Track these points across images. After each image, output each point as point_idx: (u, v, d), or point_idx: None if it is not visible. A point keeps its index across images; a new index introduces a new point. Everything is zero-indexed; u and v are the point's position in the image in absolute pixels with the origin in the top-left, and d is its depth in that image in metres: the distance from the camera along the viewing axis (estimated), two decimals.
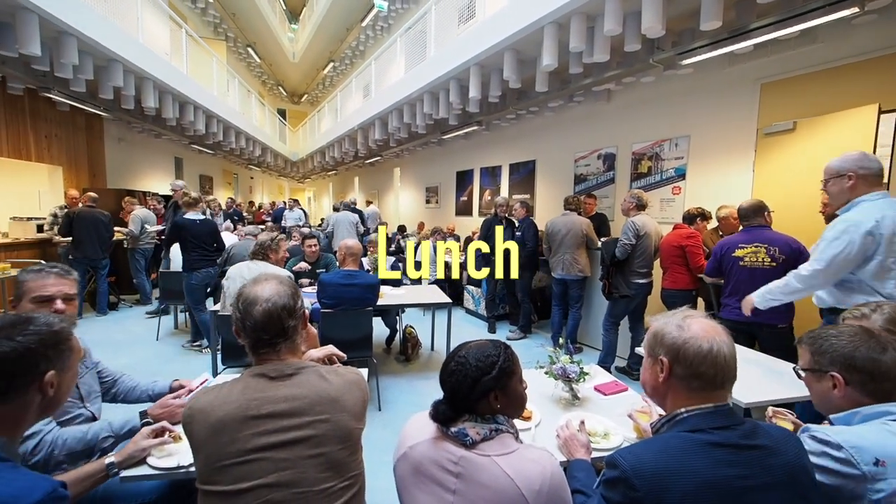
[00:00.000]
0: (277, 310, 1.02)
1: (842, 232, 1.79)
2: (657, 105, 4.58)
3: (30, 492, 0.70)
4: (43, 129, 5.89)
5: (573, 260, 4.08)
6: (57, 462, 1.18)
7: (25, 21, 3.68)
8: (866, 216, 1.77)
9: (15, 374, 0.80)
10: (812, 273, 1.88)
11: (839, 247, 1.79)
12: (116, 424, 1.31)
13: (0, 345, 0.79)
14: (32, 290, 1.33)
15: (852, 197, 1.87)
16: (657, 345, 0.93)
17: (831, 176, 1.93)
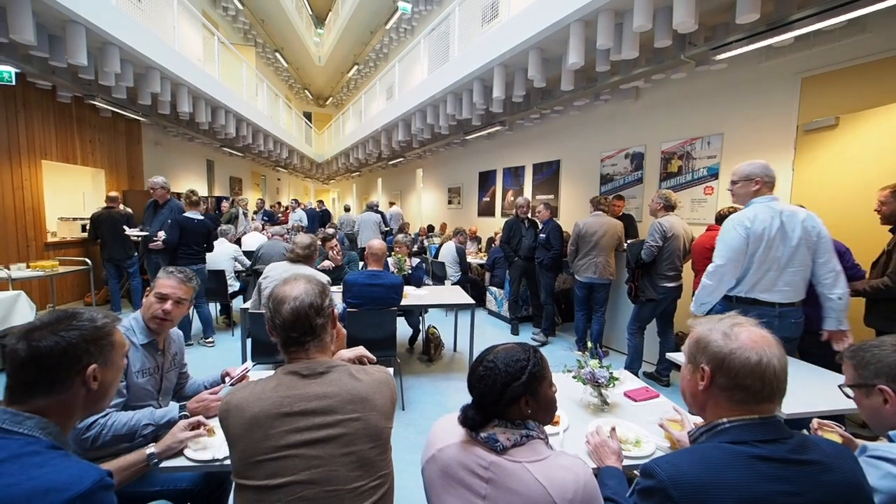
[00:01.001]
0: (305, 308, 1.04)
1: (730, 228, 2.10)
2: (688, 102, 4.43)
3: (80, 480, 0.74)
4: (87, 135, 6.23)
5: (606, 262, 3.99)
6: (104, 441, 1.26)
7: (74, 33, 3.90)
8: (748, 213, 2.10)
9: (58, 367, 0.84)
10: (715, 269, 2.12)
11: (729, 241, 2.08)
12: (158, 414, 1.38)
13: (44, 339, 0.83)
14: (161, 286, 1.54)
15: (749, 197, 2.18)
16: (699, 352, 0.88)
17: (741, 178, 2.19)
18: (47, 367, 0.82)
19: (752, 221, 2.06)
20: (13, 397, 0.82)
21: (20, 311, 3.58)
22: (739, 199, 2.23)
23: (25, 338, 0.82)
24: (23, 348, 0.81)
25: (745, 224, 2.07)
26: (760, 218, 2.06)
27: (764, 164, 2.17)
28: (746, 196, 2.19)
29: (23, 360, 0.81)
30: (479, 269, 6.65)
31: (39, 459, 0.75)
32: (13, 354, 0.82)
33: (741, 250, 2.07)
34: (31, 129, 5.25)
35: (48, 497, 0.69)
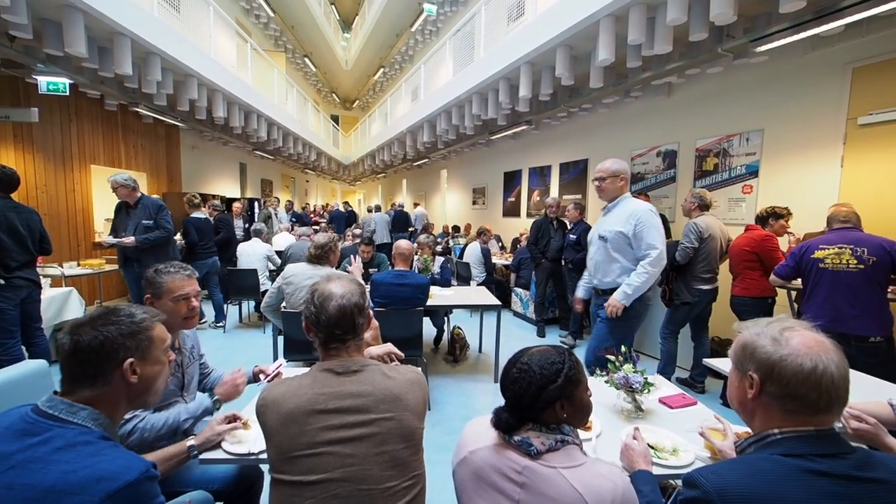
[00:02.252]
0: (351, 306, 1.06)
1: (653, 216, 2.25)
2: (725, 97, 4.24)
3: (128, 469, 0.77)
4: (131, 140, 6.58)
5: None
6: (149, 444, 1.31)
7: (121, 45, 4.14)
8: (648, 205, 2.30)
9: (97, 360, 0.88)
10: (658, 256, 2.22)
11: (661, 228, 2.26)
12: (192, 406, 1.43)
13: (85, 334, 0.87)
14: (173, 290, 1.47)
15: (620, 194, 2.38)
16: (746, 358, 0.82)
17: (610, 175, 2.36)
18: (88, 361, 0.87)
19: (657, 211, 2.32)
20: (64, 388, 0.87)
21: (72, 307, 3.82)
22: (607, 194, 2.40)
23: (70, 332, 0.88)
24: (67, 342, 0.87)
25: (657, 213, 2.30)
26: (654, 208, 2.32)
27: (624, 163, 2.41)
28: (614, 191, 2.38)
29: (67, 353, 0.86)
30: (503, 270, 6.59)
31: (92, 449, 0.79)
32: (61, 348, 0.87)
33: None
34: (81, 136, 5.59)
35: (100, 485, 0.73)
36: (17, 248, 2.72)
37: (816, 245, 2.46)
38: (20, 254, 2.74)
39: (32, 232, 2.83)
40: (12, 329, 2.74)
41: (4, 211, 2.68)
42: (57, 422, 0.81)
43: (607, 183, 2.37)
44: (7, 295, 2.68)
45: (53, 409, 0.82)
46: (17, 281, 2.71)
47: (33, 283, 2.84)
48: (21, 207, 2.82)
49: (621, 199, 2.38)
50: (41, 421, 0.81)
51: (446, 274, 4.26)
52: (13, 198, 2.83)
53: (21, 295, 2.76)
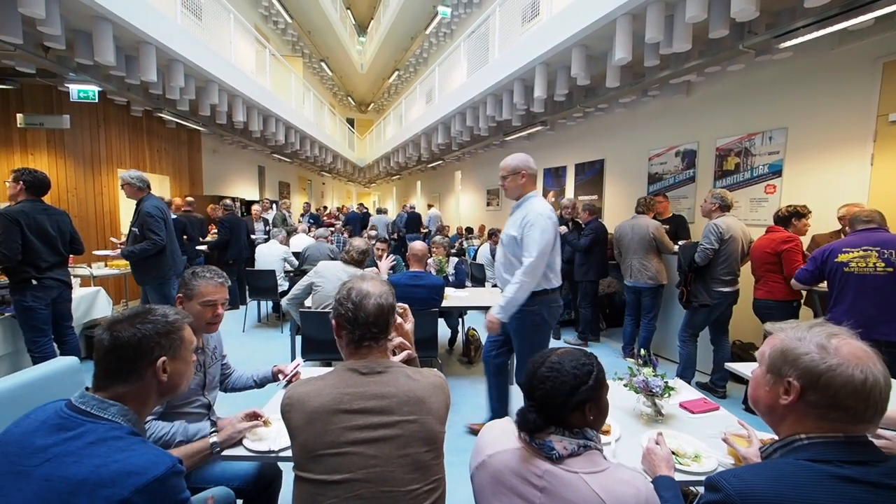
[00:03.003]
0: (387, 306, 1.08)
1: (544, 221, 2.12)
2: (746, 95, 4.14)
3: (156, 465, 0.80)
4: (155, 145, 6.79)
5: (641, 266, 3.84)
6: None
7: (146, 53, 4.28)
8: (545, 207, 2.19)
9: (134, 357, 0.91)
10: (530, 265, 2.10)
11: (546, 236, 2.11)
12: (191, 430, 1.36)
13: (124, 331, 0.91)
14: (204, 294, 1.50)
15: (524, 192, 2.25)
16: (786, 364, 0.78)
17: (510, 173, 2.25)
18: (125, 357, 0.90)
19: (552, 214, 2.21)
20: (98, 383, 0.90)
21: (100, 306, 3.96)
22: (510, 193, 2.31)
23: (109, 329, 0.91)
24: (106, 338, 0.90)
25: (552, 218, 2.19)
26: (552, 212, 2.21)
27: (526, 157, 2.27)
28: (516, 189, 2.27)
29: (106, 349, 0.89)
30: None
31: (122, 444, 0.82)
32: (99, 343, 0.90)
33: (552, 244, 2.17)
34: (109, 141, 5.80)
35: (129, 479, 0.76)
36: (48, 249, 2.81)
37: (840, 248, 2.38)
38: (50, 255, 2.82)
39: (63, 233, 2.92)
40: (44, 328, 2.84)
41: (34, 213, 2.76)
42: (89, 417, 0.84)
43: (508, 181, 2.27)
44: (38, 295, 2.78)
45: (85, 405, 0.86)
46: (47, 281, 2.81)
47: (64, 283, 2.94)
48: (51, 209, 2.91)
49: (525, 198, 2.26)
50: (74, 416, 0.84)
51: (461, 275, 4.26)
52: (44, 200, 2.93)
53: (52, 295, 2.86)
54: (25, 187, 2.78)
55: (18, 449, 0.78)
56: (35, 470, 0.75)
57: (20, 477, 0.75)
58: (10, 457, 0.78)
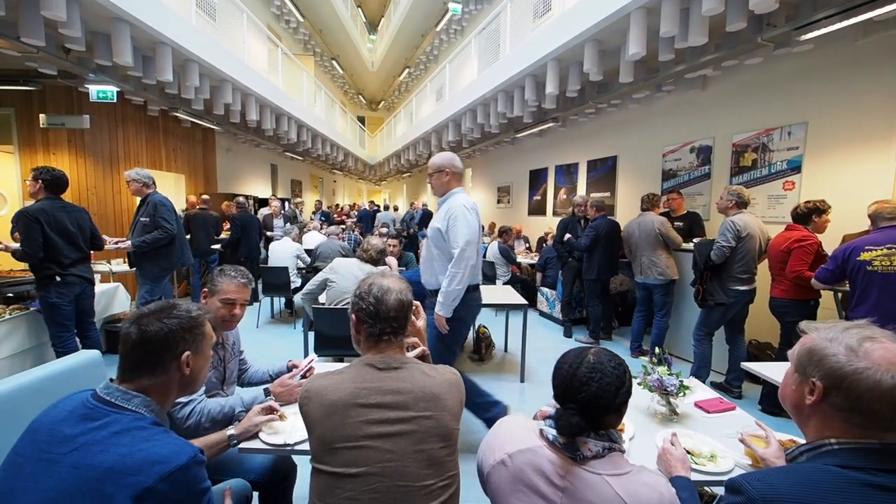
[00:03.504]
0: (407, 301, 1.11)
1: (466, 213, 2.17)
2: (764, 89, 4.04)
3: (179, 454, 0.82)
4: (171, 143, 6.92)
5: (650, 262, 3.82)
6: (204, 428, 1.40)
7: (163, 53, 4.36)
8: (467, 200, 2.25)
9: (160, 350, 0.94)
10: (459, 255, 2.13)
11: (471, 225, 2.18)
12: (247, 398, 1.50)
13: (151, 325, 0.93)
14: (225, 292, 1.55)
15: (449, 189, 2.32)
16: (811, 364, 0.77)
17: (435, 171, 2.33)
18: (152, 350, 0.93)
19: (476, 207, 2.26)
20: (124, 375, 0.93)
21: (119, 301, 4.06)
22: (436, 190, 2.37)
23: (137, 323, 0.93)
24: (134, 331, 0.92)
25: (475, 209, 2.25)
26: (474, 205, 2.26)
27: (451, 156, 2.35)
28: (441, 186, 2.34)
29: (134, 342, 0.92)
30: (529, 269, 6.52)
31: (146, 434, 0.85)
32: (126, 337, 0.93)
33: (479, 233, 2.24)
34: (127, 140, 5.93)
35: (154, 468, 0.78)
36: (69, 246, 2.87)
37: (862, 246, 2.32)
38: (72, 251, 2.89)
39: (83, 230, 2.98)
40: (67, 323, 2.91)
41: (54, 211, 2.82)
42: (114, 408, 0.87)
43: (434, 179, 2.35)
44: (62, 291, 2.85)
45: (110, 396, 0.88)
46: (70, 278, 2.87)
47: (86, 280, 3.00)
48: (70, 207, 2.97)
49: (450, 194, 2.31)
50: (100, 407, 0.87)
51: None
52: (63, 198, 2.98)
53: (75, 291, 2.93)
54: (44, 186, 2.84)
55: (48, 437, 0.81)
56: (64, 458, 0.78)
57: (50, 464, 0.78)
58: (40, 444, 0.81)
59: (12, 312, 2.79)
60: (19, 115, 5.19)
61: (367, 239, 3.18)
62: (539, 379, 3.57)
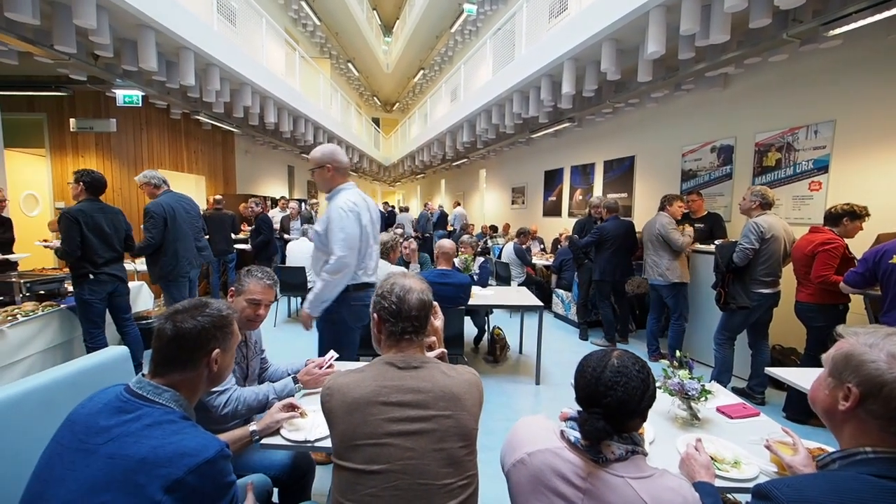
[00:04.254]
0: (428, 301, 1.12)
1: (344, 217, 2.08)
2: (789, 87, 3.93)
3: (207, 448, 0.85)
4: (192, 146, 7.10)
5: (652, 262, 3.80)
6: (240, 414, 1.47)
7: (185, 58, 4.48)
8: (346, 199, 2.13)
9: (193, 347, 0.97)
10: (336, 263, 2.05)
11: (346, 230, 2.08)
12: (278, 387, 1.58)
13: (185, 322, 0.97)
14: (251, 292, 1.60)
15: (333, 185, 2.21)
16: (847, 369, 0.75)
17: (316, 166, 2.21)
18: (185, 347, 0.96)
19: (357, 206, 2.14)
20: (156, 370, 0.96)
21: (143, 299, 4.19)
22: (321, 186, 2.26)
23: (171, 319, 0.97)
24: (169, 328, 0.95)
25: (355, 210, 2.12)
26: (360, 203, 2.16)
27: (332, 149, 2.22)
28: (326, 183, 2.22)
29: (169, 338, 0.95)
30: (544, 271, 6.48)
31: (176, 427, 0.87)
32: (161, 332, 0.96)
33: (358, 237, 2.13)
34: (150, 143, 6.11)
35: (183, 460, 0.81)
36: (103, 246, 3.00)
37: (895, 249, 2.23)
38: (106, 251, 3.02)
39: (118, 231, 3.11)
40: (98, 321, 3.03)
41: (92, 212, 2.96)
42: (145, 401, 0.90)
43: (316, 175, 2.23)
44: (95, 289, 2.98)
45: (142, 390, 0.92)
46: (102, 276, 3.00)
47: (118, 278, 3.11)
48: (107, 208, 3.10)
49: (335, 192, 2.19)
50: (133, 400, 0.90)
51: (484, 274, 4.26)
52: (101, 200, 3.11)
53: (107, 289, 3.05)
54: (85, 187, 2.98)
55: (85, 428, 0.85)
56: (100, 448, 0.81)
57: (88, 454, 0.81)
58: (78, 435, 0.84)
59: (44, 309, 2.90)
60: (51, 119, 5.41)
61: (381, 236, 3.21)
62: (554, 381, 3.54)
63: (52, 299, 3.11)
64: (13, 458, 1.13)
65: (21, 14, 3.01)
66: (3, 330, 2.55)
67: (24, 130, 5.40)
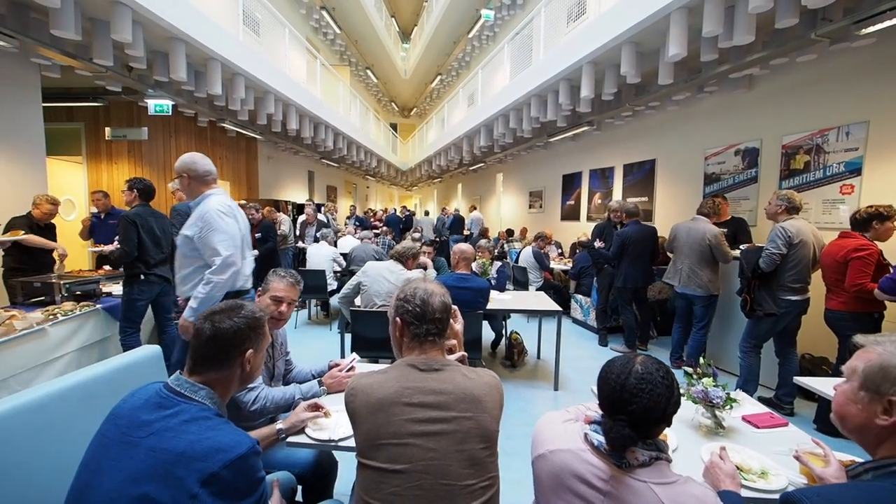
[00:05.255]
0: (449, 304, 1.16)
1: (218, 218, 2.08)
2: (818, 88, 3.81)
3: (240, 444, 0.89)
4: (218, 152, 7.34)
5: (691, 272, 3.64)
6: (268, 412, 1.54)
7: (213, 69, 4.66)
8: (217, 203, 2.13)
9: (230, 346, 1.02)
10: (223, 263, 2.04)
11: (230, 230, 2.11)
12: (304, 388, 1.65)
13: (223, 323, 1.01)
14: (274, 289, 1.70)
15: (199, 192, 2.20)
16: (887, 381, 0.73)
17: (177, 176, 2.22)
18: (222, 346, 1.01)
19: (233, 209, 2.21)
20: (194, 368, 1.00)
21: None
22: (187, 195, 2.26)
23: (210, 320, 1.02)
24: (208, 328, 1.00)
25: (228, 212, 2.15)
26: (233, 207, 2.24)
27: (190, 158, 2.21)
28: (189, 191, 2.23)
29: (208, 338, 1.00)
30: (562, 276, 6.42)
31: (211, 423, 0.92)
32: (201, 332, 1.01)
33: (239, 237, 2.17)
34: (179, 150, 6.35)
35: (218, 455, 0.85)
36: (155, 248, 3.19)
37: None
38: (157, 253, 3.21)
39: (166, 234, 3.30)
40: (137, 320, 3.19)
41: (146, 216, 3.17)
42: (183, 398, 0.95)
43: (181, 185, 2.23)
44: (143, 289, 3.15)
45: (180, 387, 0.96)
46: (152, 277, 3.17)
47: (165, 280, 3.28)
48: (157, 213, 3.31)
49: (202, 197, 2.17)
50: (171, 396, 0.95)
51: (502, 279, 4.25)
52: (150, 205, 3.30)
53: (155, 290, 3.22)
54: (139, 194, 3.20)
55: (128, 422, 0.90)
56: (142, 441, 0.86)
57: (131, 447, 0.86)
58: (122, 428, 0.89)
59: (82, 309, 3.04)
60: (88, 128, 5.69)
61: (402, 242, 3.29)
62: (573, 387, 3.50)
63: (88, 300, 3.25)
64: (60, 445, 1.20)
65: (65, 31, 3.19)
66: (46, 328, 2.69)
67: (64, 139, 5.69)
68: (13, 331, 2.47)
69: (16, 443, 1.10)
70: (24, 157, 3.99)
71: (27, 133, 4.02)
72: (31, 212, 3.55)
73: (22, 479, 1.10)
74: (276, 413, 1.58)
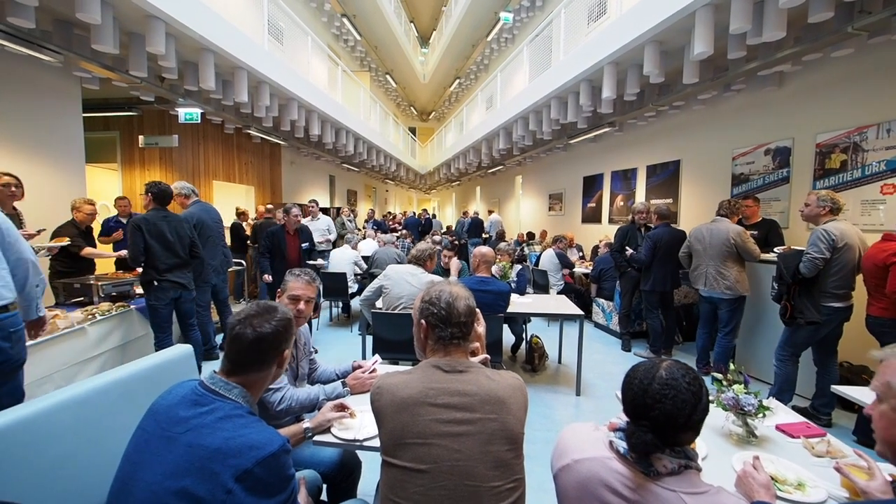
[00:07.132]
0: (473, 307, 1.17)
1: None
2: (855, 83, 3.64)
3: (272, 442, 0.91)
4: (243, 158, 7.57)
5: (717, 274, 3.53)
6: (293, 411, 1.59)
7: (240, 77, 4.81)
8: None
9: (270, 349, 1.05)
10: None
11: None
12: (328, 389, 1.69)
13: (263, 326, 1.04)
14: (291, 288, 1.75)
15: None
16: None
17: None
18: (264, 349, 1.04)
19: None
20: (234, 370, 1.03)
21: None
22: None
23: (249, 324, 1.03)
24: (250, 332, 1.02)
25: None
26: None
27: None
28: None
29: (250, 341, 1.02)
30: (583, 279, 6.32)
31: (244, 421, 0.95)
32: (241, 336, 1.02)
33: None
34: (207, 156, 6.58)
35: (252, 452, 0.87)
36: (166, 252, 3.16)
37: None
38: (168, 258, 3.18)
39: (181, 238, 3.27)
40: (164, 325, 3.22)
41: (155, 220, 3.15)
42: (217, 396, 0.98)
43: None
44: (159, 295, 3.16)
45: (215, 385, 1.00)
46: (165, 283, 3.16)
47: (180, 285, 3.26)
48: (171, 216, 3.28)
49: None
50: (206, 394, 0.98)
51: (522, 282, 4.22)
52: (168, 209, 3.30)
53: (171, 295, 3.20)
54: (153, 197, 3.22)
55: (167, 418, 0.94)
56: (181, 436, 0.90)
57: (170, 441, 0.90)
58: (161, 423, 0.93)
59: (118, 309, 3.19)
60: (122, 137, 5.96)
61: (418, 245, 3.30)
62: (596, 393, 3.44)
63: (123, 300, 3.40)
64: (103, 437, 1.26)
65: (104, 45, 3.36)
66: (85, 328, 2.82)
67: (100, 147, 5.97)
68: (56, 329, 2.61)
69: (63, 435, 1.16)
70: (66, 165, 4.21)
71: (69, 142, 4.25)
72: (74, 217, 3.69)
73: (70, 469, 1.16)
74: (300, 413, 1.62)
